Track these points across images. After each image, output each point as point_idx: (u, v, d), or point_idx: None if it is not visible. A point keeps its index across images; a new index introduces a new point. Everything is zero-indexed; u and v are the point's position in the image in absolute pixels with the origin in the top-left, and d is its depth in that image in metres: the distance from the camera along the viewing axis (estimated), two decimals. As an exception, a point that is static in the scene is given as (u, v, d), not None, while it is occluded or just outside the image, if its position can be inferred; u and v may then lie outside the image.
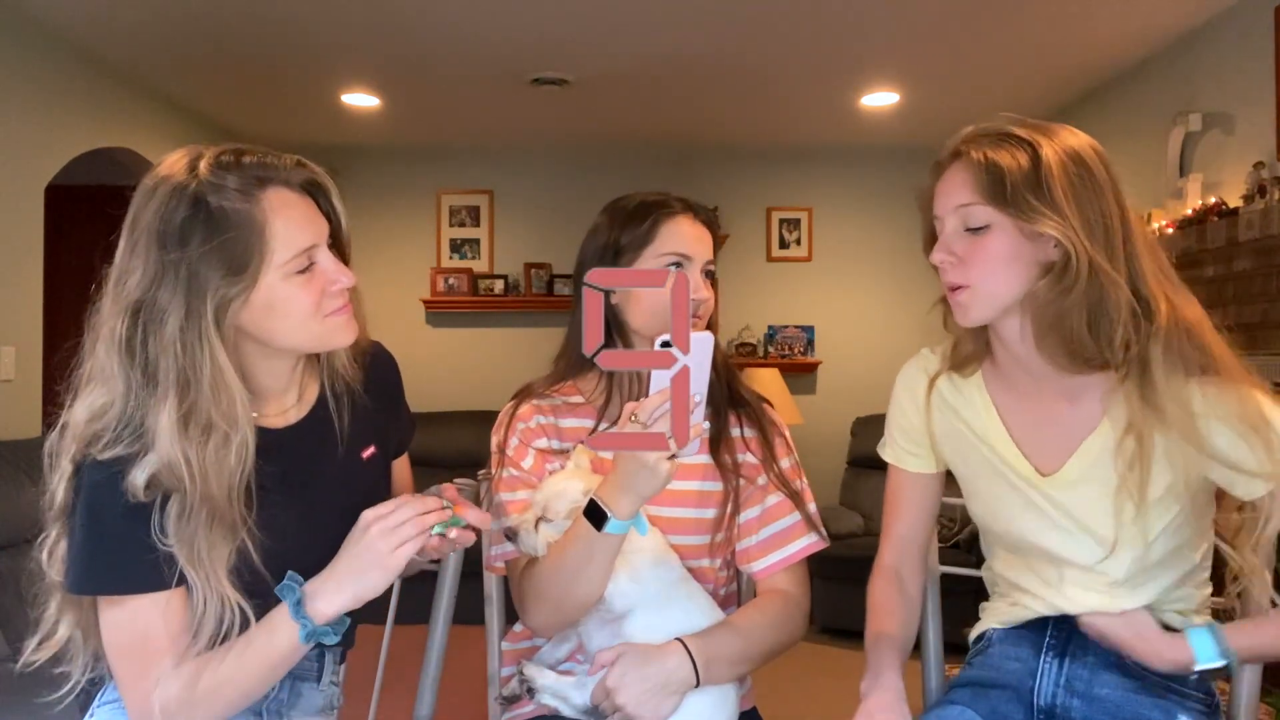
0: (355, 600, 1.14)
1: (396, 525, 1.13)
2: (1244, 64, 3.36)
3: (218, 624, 1.11)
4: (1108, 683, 1.23)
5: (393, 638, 1.59)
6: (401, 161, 5.60)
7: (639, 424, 1.15)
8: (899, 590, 1.40)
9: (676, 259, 1.42)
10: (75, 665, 1.18)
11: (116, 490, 1.09)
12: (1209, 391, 1.15)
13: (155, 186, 1.11)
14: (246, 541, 1.13)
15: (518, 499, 1.40)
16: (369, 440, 1.32)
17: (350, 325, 1.20)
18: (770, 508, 1.45)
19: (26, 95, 3.56)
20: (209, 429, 1.10)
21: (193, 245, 1.07)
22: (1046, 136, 1.19)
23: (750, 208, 5.65)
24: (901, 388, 1.41)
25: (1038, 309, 1.19)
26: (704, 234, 1.46)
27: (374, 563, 1.13)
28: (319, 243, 1.16)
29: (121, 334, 1.08)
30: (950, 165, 1.23)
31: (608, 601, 1.31)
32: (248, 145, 1.15)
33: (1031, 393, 1.28)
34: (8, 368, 3.52)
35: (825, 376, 5.59)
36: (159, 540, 1.09)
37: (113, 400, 1.10)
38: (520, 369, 1.96)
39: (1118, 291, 1.15)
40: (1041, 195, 1.14)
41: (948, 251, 1.22)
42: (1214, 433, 1.16)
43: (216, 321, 1.09)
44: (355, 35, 3.77)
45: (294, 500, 1.20)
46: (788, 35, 3.75)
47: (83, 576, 1.11)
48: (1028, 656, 1.29)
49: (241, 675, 1.12)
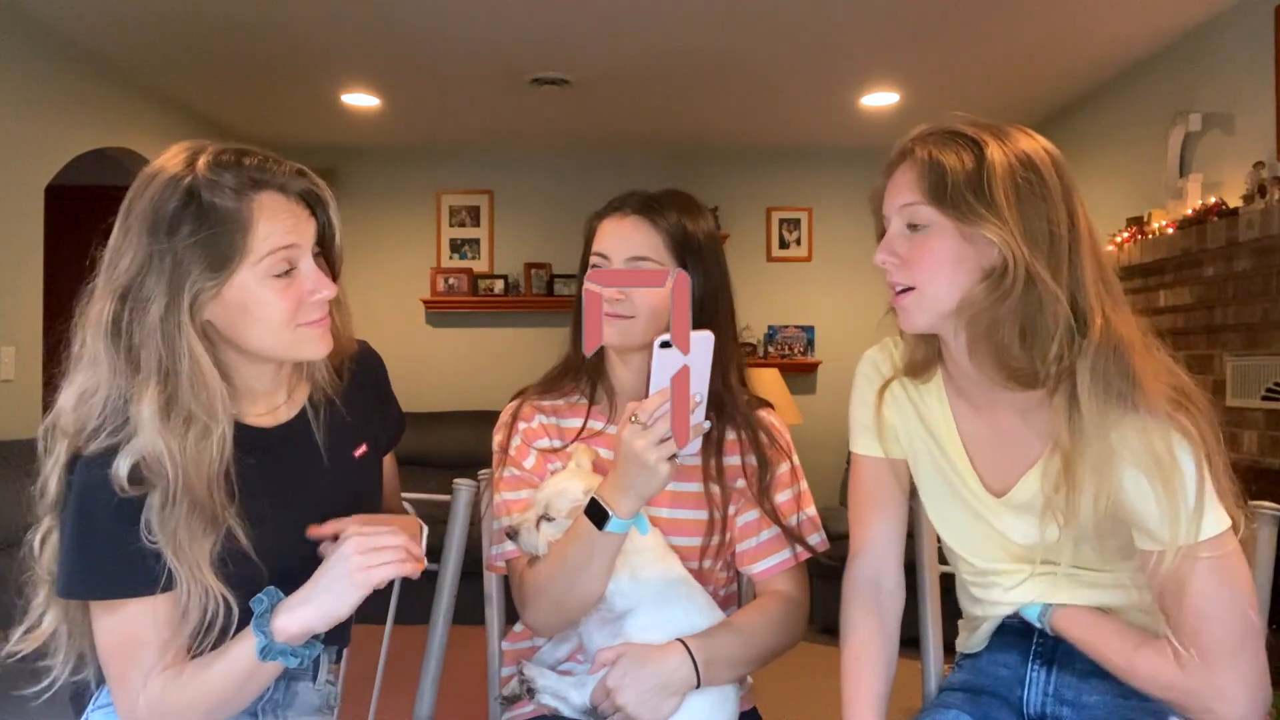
0: (321, 616, 1.12)
1: (377, 547, 1.12)
2: (1244, 64, 3.36)
3: (202, 614, 1.11)
4: (1097, 689, 1.22)
5: (393, 638, 1.59)
6: (401, 161, 5.60)
7: (639, 424, 1.15)
8: (878, 620, 1.31)
9: (597, 257, 1.42)
10: (58, 660, 1.18)
11: (107, 492, 1.09)
12: (1127, 432, 1.09)
13: (153, 175, 1.12)
14: (236, 532, 1.13)
15: (519, 498, 1.41)
16: (361, 439, 1.32)
17: (324, 339, 1.20)
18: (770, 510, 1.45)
19: (26, 95, 3.56)
20: (189, 420, 1.10)
21: (180, 236, 1.08)
22: (997, 138, 1.14)
23: (750, 208, 5.65)
24: (860, 375, 1.37)
25: (971, 316, 1.15)
26: (631, 231, 1.40)
27: (344, 577, 1.11)
28: (301, 246, 1.15)
29: (108, 318, 1.09)
30: (899, 165, 1.20)
31: (608, 601, 1.31)
32: (252, 148, 1.16)
33: (985, 405, 1.24)
34: (8, 368, 3.52)
35: (825, 376, 5.59)
36: (146, 538, 1.09)
37: (99, 384, 1.11)
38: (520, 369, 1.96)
39: (1055, 305, 1.10)
40: (982, 197, 1.10)
41: (890, 252, 1.19)
42: (1125, 476, 1.10)
43: (191, 315, 1.10)
44: (355, 35, 3.77)
45: (285, 498, 1.21)
46: (788, 35, 3.75)
47: (73, 581, 1.12)
48: (1015, 664, 1.28)
49: (214, 685, 1.12)
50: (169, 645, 1.12)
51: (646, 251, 1.39)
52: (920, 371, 1.29)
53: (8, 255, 3.50)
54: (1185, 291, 3.45)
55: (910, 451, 1.33)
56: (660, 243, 1.40)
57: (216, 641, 1.13)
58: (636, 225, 1.41)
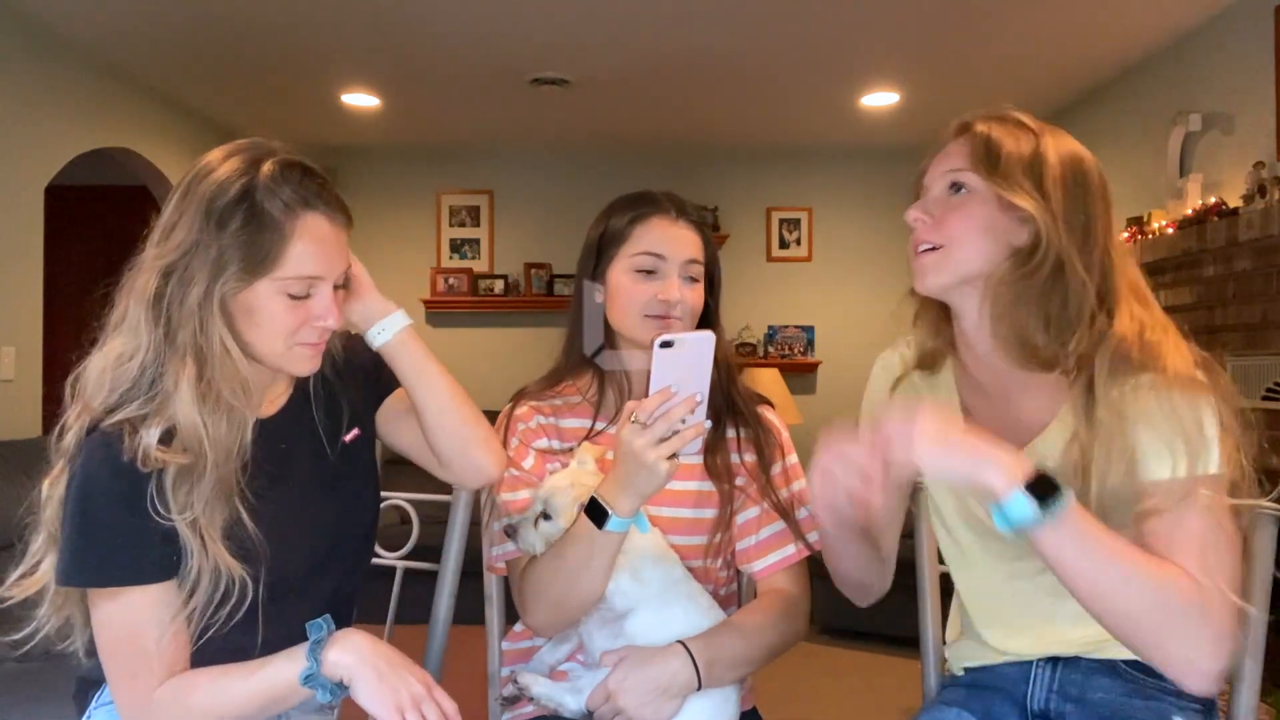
0: (365, 680, 1.13)
1: (399, 687, 1.13)
2: (1244, 64, 3.36)
3: (213, 588, 1.12)
4: (1101, 686, 1.22)
5: (393, 638, 1.59)
6: (401, 161, 5.60)
7: (639, 424, 1.16)
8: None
9: (650, 257, 1.42)
10: (39, 612, 1.18)
11: (108, 477, 1.10)
12: (1142, 394, 1.10)
13: (221, 161, 1.15)
14: (240, 510, 1.16)
15: (519, 499, 1.41)
16: (350, 424, 1.34)
17: (313, 361, 1.23)
18: (770, 508, 1.45)
19: (26, 95, 3.56)
20: (220, 401, 1.14)
21: (229, 230, 1.12)
22: (1052, 134, 1.19)
23: (750, 208, 5.65)
24: (875, 374, 1.39)
25: (996, 289, 1.16)
26: (685, 234, 1.44)
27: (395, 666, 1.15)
28: (326, 279, 1.18)
29: (152, 292, 1.13)
30: (954, 139, 1.23)
31: (608, 601, 1.31)
32: (316, 167, 1.19)
33: (995, 393, 1.25)
34: (8, 368, 3.52)
35: (825, 376, 5.59)
36: (157, 516, 1.10)
37: (135, 351, 1.14)
38: (520, 369, 1.95)
39: (1083, 292, 1.12)
40: (1030, 175, 1.14)
41: (924, 210, 1.21)
42: (1142, 438, 1.10)
43: (220, 306, 1.13)
44: (355, 35, 3.77)
45: (278, 484, 1.23)
46: (788, 35, 3.75)
47: (71, 567, 1.12)
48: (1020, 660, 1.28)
49: (238, 696, 1.13)
50: (167, 634, 1.13)
51: (697, 254, 1.44)
52: (931, 362, 1.31)
53: (8, 255, 3.50)
54: (1185, 291, 3.45)
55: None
56: (702, 245, 1.46)
57: (228, 615, 1.14)
58: (689, 229, 1.45)
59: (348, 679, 1.13)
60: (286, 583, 1.21)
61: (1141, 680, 1.21)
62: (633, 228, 1.44)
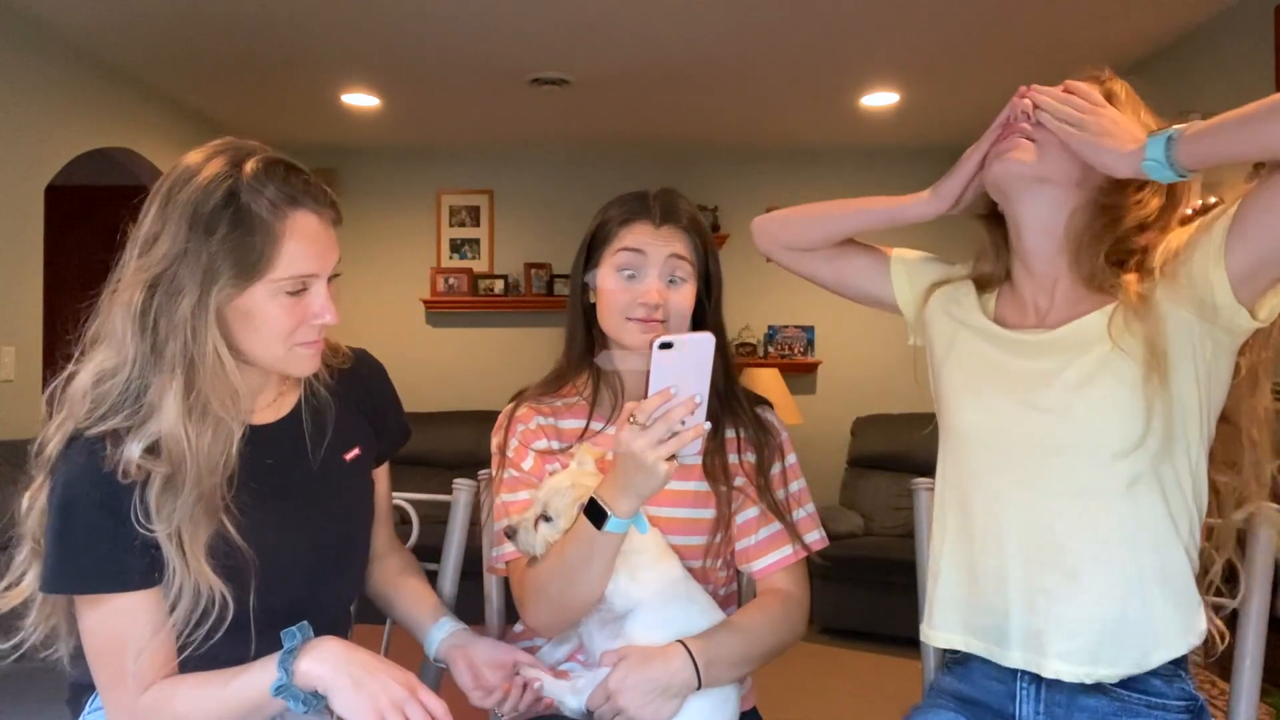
0: (342, 695, 1.11)
1: (378, 693, 1.11)
2: (1244, 64, 3.36)
3: (194, 602, 1.11)
4: (1086, 706, 1.21)
5: (393, 638, 1.59)
6: (401, 161, 5.60)
7: (638, 424, 1.16)
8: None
9: (629, 253, 1.41)
10: (26, 621, 1.17)
11: (90, 485, 1.09)
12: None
13: (200, 166, 1.12)
14: (227, 523, 1.14)
15: (518, 500, 1.41)
16: (352, 443, 1.34)
17: (314, 360, 1.22)
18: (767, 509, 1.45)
19: (27, 95, 3.56)
20: (207, 414, 1.12)
21: (216, 235, 1.09)
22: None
23: (750, 208, 5.63)
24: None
25: (1101, 195, 1.26)
26: (668, 232, 1.43)
27: (373, 672, 1.13)
28: (320, 275, 1.17)
29: (137, 305, 1.10)
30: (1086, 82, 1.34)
31: (608, 601, 1.31)
32: (299, 164, 1.18)
33: (1040, 320, 1.29)
34: (8, 368, 3.52)
35: (825, 376, 5.59)
36: (140, 527, 1.09)
37: (119, 367, 1.12)
38: (520, 369, 1.96)
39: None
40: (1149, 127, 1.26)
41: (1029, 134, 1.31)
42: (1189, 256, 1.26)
43: (215, 314, 1.11)
44: (355, 35, 3.77)
45: (272, 492, 1.22)
46: (788, 35, 3.75)
47: (55, 574, 1.11)
48: (1007, 678, 1.26)
49: (212, 706, 1.12)
50: (154, 641, 1.12)
51: (683, 252, 1.43)
52: (986, 285, 1.36)
53: (8, 255, 3.50)
54: (1185, 291, 3.45)
55: (942, 338, 1.36)
56: (690, 243, 1.45)
57: (207, 634, 1.13)
58: (673, 228, 1.44)
59: (323, 689, 1.11)
60: (280, 594, 1.20)
61: (1126, 696, 1.21)
62: (618, 227, 1.44)
